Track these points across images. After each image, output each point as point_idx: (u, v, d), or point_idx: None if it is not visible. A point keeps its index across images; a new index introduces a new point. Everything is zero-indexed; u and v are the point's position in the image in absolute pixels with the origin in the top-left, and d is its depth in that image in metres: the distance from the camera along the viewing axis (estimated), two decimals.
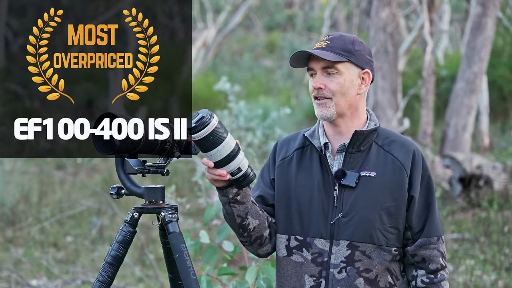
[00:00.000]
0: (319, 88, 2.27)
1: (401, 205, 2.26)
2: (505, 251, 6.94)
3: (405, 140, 2.33)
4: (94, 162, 11.62)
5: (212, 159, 2.13)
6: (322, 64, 2.27)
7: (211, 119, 2.06)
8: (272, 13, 26.89)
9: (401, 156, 2.29)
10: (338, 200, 2.27)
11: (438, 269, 2.29)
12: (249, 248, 2.38)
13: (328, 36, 2.32)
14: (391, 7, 9.64)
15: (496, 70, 14.95)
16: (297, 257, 2.30)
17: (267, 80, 20.36)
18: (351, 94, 2.28)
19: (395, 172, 2.27)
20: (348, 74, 2.27)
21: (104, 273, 2.23)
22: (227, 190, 2.22)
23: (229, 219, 2.28)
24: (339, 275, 2.25)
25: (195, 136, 2.08)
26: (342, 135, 2.32)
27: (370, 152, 2.30)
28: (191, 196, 8.66)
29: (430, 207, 2.30)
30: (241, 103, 7.71)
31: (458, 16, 22.40)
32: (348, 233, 2.25)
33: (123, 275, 6.68)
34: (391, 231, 2.26)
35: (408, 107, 14.28)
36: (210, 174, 2.17)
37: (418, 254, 2.29)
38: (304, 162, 2.34)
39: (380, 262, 2.26)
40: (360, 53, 2.29)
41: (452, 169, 8.93)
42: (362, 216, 2.24)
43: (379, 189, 2.26)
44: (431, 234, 2.29)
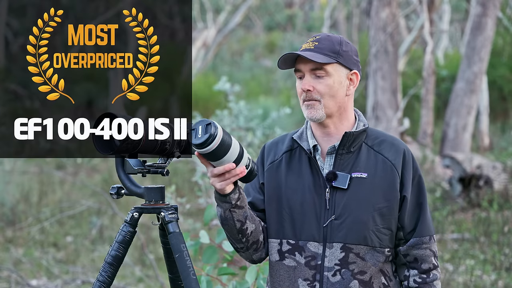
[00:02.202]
0: (307, 90, 2.25)
1: (393, 206, 2.25)
2: (505, 251, 6.94)
3: (394, 140, 2.32)
4: (94, 162, 11.62)
5: (223, 164, 2.11)
6: (311, 66, 2.24)
7: (216, 130, 2.03)
8: (272, 13, 26.90)
9: (391, 156, 2.27)
10: (330, 203, 2.25)
11: (431, 268, 2.28)
12: (244, 254, 2.35)
13: (315, 37, 2.28)
14: (391, 7, 9.64)
15: (496, 70, 14.95)
16: (289, 261, 2.28)
17: (267, 80, 20.36)
18: (340, 95, 2.26)
19: (386, 173, 2.26)
20: (337, 75, 2.25)
21: (104, 273, 2.23)
22: (230, 196, 2.18)
23: (228, 225, 2.25)
24: (333, 278, 2.23)
25: (203, 150, 2.05)
26: (331, 136, 2.30)
27: (360, 153, 2.28)
28: (191, 196, 8.67)
29: (421, 207, 2.29)
30: (241, 103, 7.71)
31: (458, 16, 22.40)
32: (342, 236, 2.23)
33: (123, 275, 6.68)
34: (384, 232, 2.25)
35: (408, 107, 14.28)
36: (231, 176, 2.11)
37: (411, 254, 2.28)
38: (293, 165, 2.32)
39: (374, 264, 2.25)
40: (348, 53, 2.27)
41: (452, 169, 8.93)
42: (355, 217, 2.23)
43: (371, 190, 2.24)
44: (423, 234, 2.28)
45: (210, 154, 2.06)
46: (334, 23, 23.34)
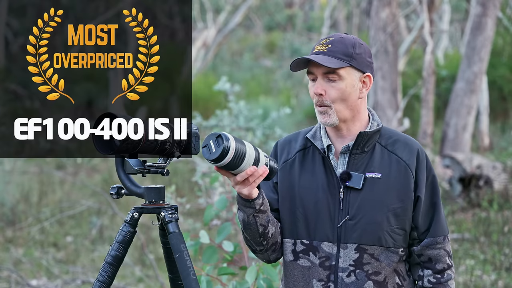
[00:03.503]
0: (320, 94, 2.23)
1: (407, 206, 2.24)
2: (505, 251, 6.94)
3: (408, 139, 2.30)
4: (94, 162, 11.62)
5: (243, 170, 2.09)
6: (323, 70, 2.22)
7: (228, 141, 2.02)
8: (272, 13, 26.89)
9: (405, 156, 2.26)
10: (344, 203, 2.24)
11: (445, 268, 2.28)
12: (261, 255, 2.34)
13: (328, 39, 2.26)
14: (391, 7, 9.64)
15: (496, 70, 14.94)
16: (304, 261, 2.27)
17: (267, 80, 20.35)
18: (352, 99, 2.24)
19: (400, 173, 2.24)
20: (349, 79, 2.23)
21: (104, 273, 2.23)
22: (255, 201, 2.17)
23: (251, 229, 2.23)
24: (348, 278, 2.22)
25: (220, 164, 2.04)
26: (344, 137, 2.29)
27: (374, 153, 2.27)
28: (191, 196, 8.66)
29: (435, 207, 2.28)
30: (241, 103, 7.70)
31: (458, 16, 22.39)
32: (356, 236, 2.22)
33: (123, 275, 6.68)
34: (398, 232, 2.24)
35: (408, 107, 14.28)
36: (255, 179, 2.10)
37: (425, 254, 2.27)
38: (307, 164, 2.31)
39: (388, 264, 2.24)
40: (361, 56, 2.24)
41: (452, 169, 8.93)
42: (370, 218, 2.22)
43: (385, 190, 2.23)
44: (437, 234, 2.27)
45: (228, 166, 2.05)
46: (334, 23, 23.34)
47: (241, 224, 2.25)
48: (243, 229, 2.26)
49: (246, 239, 2.30)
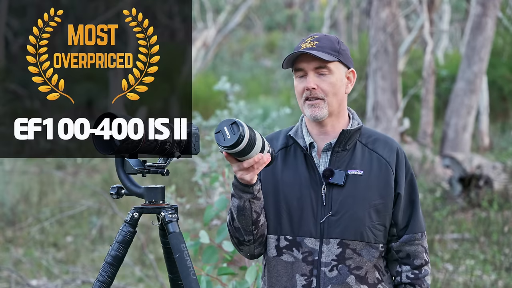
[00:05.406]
0: (312, 89, 2.27)
1: (388, 202, 2.30)
2: (505, 251, 6.94)
3: (387, 138, 2.37)
4: (94, 162, 11.62)
5: (251, 157, 2.11)
6: (315, 64, 2.27)
7: (243, 128, 2.04)
8: (272, 13, 26.90)
9: (385, 154, 2.32)
10: (327, 199, 2.28)
11: (422, 264, 2.35)
12: (247, 248, 2.36)
13: (314, 37, 2.32)
14: (391, 7, 9.64)
15: (496, 70, 14.95)
16: (287, 256, 2.31)
17: (267, 80, 20.36)
18: (341, 93, 2.31)
19: (381, 170, 2.30)
20: (338, 73, 2.29)
21: (104, 273, 2.23)
22: (254, 186, 2.21)
23: (245, 215, 2.27)
24: (330, 273, 2.27)
25: (234, 151, 2.06)
26: (327, 134, 2.33)
27: (355, 151, 2.32)
28: (191, 196, 8.66)
29: (414, 204, 2.35)
30: (241, 103, 7.70)
31: (458, 16, 22.39)
32: (339, 231, 2.27)
33: (123, 275, 6.68)
34: (379, 228, 2.30)
35: (408, 107, 14.29)
36: (259, 166, 2.13)
37: (403, 250, 2.34)
38: (289, 161, 2.35)
39: (370, 259, 2.29)
40: (346, 52, 2.32)
41: (452, 169, 8.93)
42: (352, 214, 2.27)
43: (367, 187, 2.28)
44: (415, 231, 2.33)
45: (239, 152, 2.08)
46: (334, 23, 23.35)
47: (235, 212, 2.28)
48: (237, 217, 2.29)
49: (235, 229, 2.32)
